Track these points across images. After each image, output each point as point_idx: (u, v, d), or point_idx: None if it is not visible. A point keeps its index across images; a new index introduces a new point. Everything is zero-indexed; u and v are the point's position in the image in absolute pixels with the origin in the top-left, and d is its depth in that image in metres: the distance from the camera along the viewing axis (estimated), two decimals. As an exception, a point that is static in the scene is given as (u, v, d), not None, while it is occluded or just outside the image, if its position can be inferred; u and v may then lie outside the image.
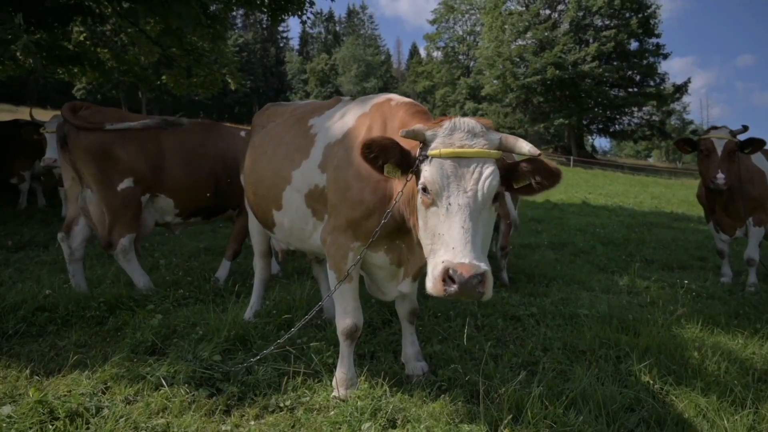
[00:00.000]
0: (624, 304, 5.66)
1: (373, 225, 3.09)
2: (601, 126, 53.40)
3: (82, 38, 13.57)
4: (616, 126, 52.73)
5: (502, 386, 3.45)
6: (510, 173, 2.69)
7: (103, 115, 5.20)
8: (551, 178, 2.63)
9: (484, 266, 2.34)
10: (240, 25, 78.35)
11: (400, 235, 3.23)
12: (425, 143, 2.65)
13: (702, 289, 6.59)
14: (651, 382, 3.74)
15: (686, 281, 6.49)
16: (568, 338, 4.46)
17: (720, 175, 6.34)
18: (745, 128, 6.53)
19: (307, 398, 3.37)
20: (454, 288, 2.31)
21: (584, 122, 52.15)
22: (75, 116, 5.01)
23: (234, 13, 68.58)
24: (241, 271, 6.40)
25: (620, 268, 7.90)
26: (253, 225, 4.79)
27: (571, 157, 44.34)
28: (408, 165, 2.73)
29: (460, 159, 2.51)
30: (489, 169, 2.50)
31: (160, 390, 3.31)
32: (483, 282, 2.33)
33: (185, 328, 4.22)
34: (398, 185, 2.96)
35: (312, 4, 13.57)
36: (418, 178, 2.67)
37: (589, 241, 10.22)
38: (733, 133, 6.49)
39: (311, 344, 3.98)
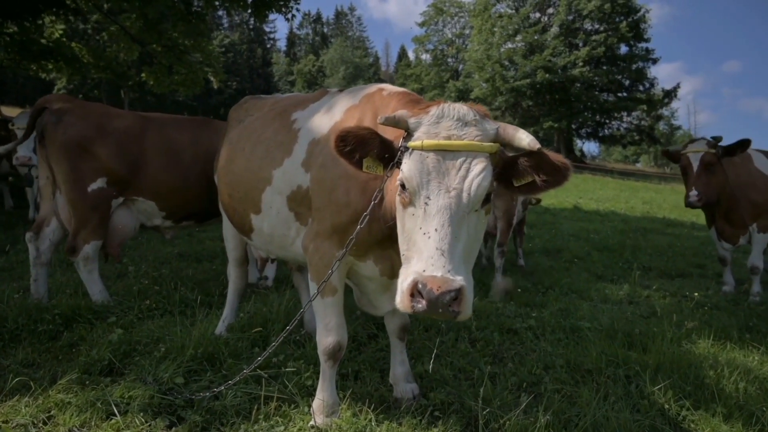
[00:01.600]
0: (628, 315, 5.32)
1: (361, 231, 2.68)
2: (590, 130, 53.44)
3: (58, 34, 13.03)
4: (606, 130, 52.77)
5: (503, 412, 3.09)
6: (509, 169, 2.27)
7: (86, 110, 4.88)
8: (556, 174, 2.20)
9: (460, 281, 1.97)
10: (226, 25, 77.62)
11: (391, 243, 2.80)
12: (409, 132, 2.26)
13: (705, 298, 6.29)
14: (667, 406, 3.37)
15: (696, 293, 6.16)
16: (571, 355, 4.09)
17: (692, 193, 6.25)
18: (716, 139, 6.37)
19: (281, 428, 2.97)
20: (422, 305, 1.97)
21: (573, 127, 52.17)
22: None
23: (219, 13, 67.97)
24: (214, 278, 5.94)
25: (618, 276, 7.60)
26: (228, 229, 4.39)
27: (561, 162, 44.06)
28: (392, 159, 2.34)
29: (445, 152, 2.12)
30: (479, 166, 2.11)
31: (111, 419, 2.88)
32: (458, 300, 1.96)
33: (148, 345, 3.78)
34: (390, 185, 2.55)
35: (297, 1, 13.14)
36: None
37: (584, 247, 9.93)
38: (711, 144, 6.31)
39: (288, 364, 3.55)
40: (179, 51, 13.80)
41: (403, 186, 2.20)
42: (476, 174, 2.10)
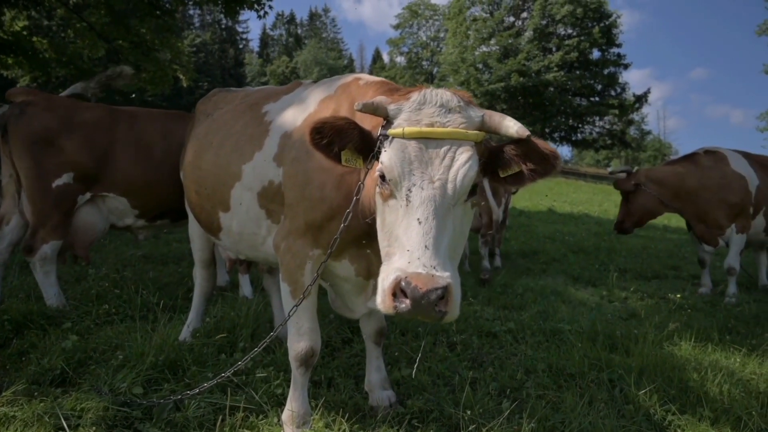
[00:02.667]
0: (608, 317, 5.22)
1: (337, 228, 2.48)
2: (563, 134, 54.02)
3: (18, 27, 12.49)
4: (578, 135, 53.41)
5: (484, 420, 2.94)
6: (495, 159, 2.13)
7: (51, 102, 4.65)
8: (544, 163, 2.07)
9: (447, 278, 1.80)
10: (197, 24, 76.24)
11: (369, 241, 2.62)
12: (388, 120, 2.09)
13: (683, 300, 6.24)
14: (653, 411, 3.26)
15: (678, 295, 6.12)
16: (552, 359, 3.95)
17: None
18: (624, 170, 7.39)
19: (248, 441, 2.74)
20: (406, 304, 1.79)
21: (547, 130, 52.71)
22: None
23: (190, 12, 66.82)
24: (180, 281, 5.66)
25: (595, 278, 7.57)
26: (194, 229, 4.16)
27: (534, 165, 44.51)
28: (371, 150, 2.17)
29: (428, 140, 1.97)
30: (465, 155, 1.96)
31: (59, 435, 2.63)
32: (445, 299, 1.79)
33: (105, 352, 3.53)
34: (369, 178, 2.37)
35: (270, -3, 12.90)
36: None
37: (560, 249, 9.94)
38: (627, 171, 7.23)
39: (256, 371, 3.34)
40: (146, 48, 13.37)
41: (382, 177, 2.04)
42: (462, 163, 1.95)
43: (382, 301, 1.88)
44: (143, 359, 3.31)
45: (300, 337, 2.84)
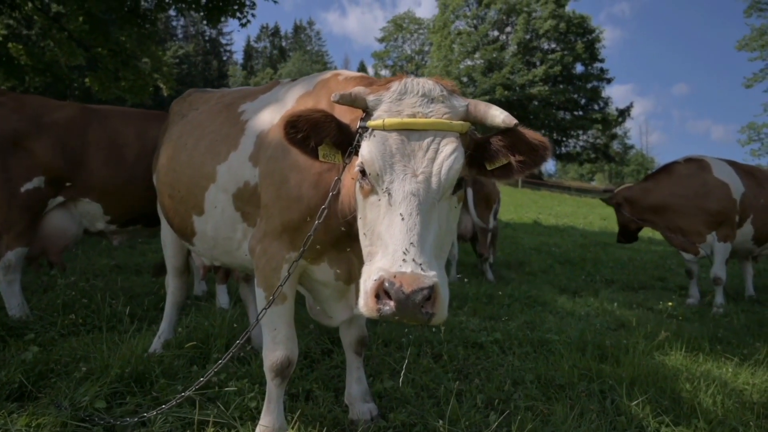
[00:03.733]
0: (596, 327, 5.09)
1: (318, 227, 2.33)
2: (547, 148, 54.73)
3: (-7, 31, 12.26)
4: (563, 148, 53.94)
5: (471, 434, 2.76)
6: (481, 152, 1.99)
7: (19, 102, 4.44)
8: (534, 154, 1.94)
9: (433, 277, 1.66)
10: (181, 36, 75.95)
11: (349, 242, 2.48)
12: (367, 111, 1.96)
13: (671, 310, 6.17)
14: (645, 423, 3.12)
15: (669, 303, 6.03)
16: (541, 369, 3.81)
17: None
18: (608, 190, 7.96)
19: (218, 459, 2.55)
20: (390, 306, 1.66)
21: (531, 144, 53.30)
22: None
23: (174, 23, 66.54)
24: (153, 292, 5.45)
25: (581, 289, 7.49)
26: (167, 235, 3.99)
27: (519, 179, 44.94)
28: (350, 143, 2.04)
29: (410, 132, 1.84)
30: (449, 146, 1.83)
31: (11, 454, 2.42)
32: (432, 300, 1.65)
33: (68, 364, 3.31)
34: (348, 176, 2.22)
35: (253, 5, 12.76)
36: None
37: (546, 260, 9.89)
38: (610, 191, 7.76)
39: (229, 384, 3.14)
40: (126, 56, 13.12)
41: (363, 172, 1.90)
42: (446, 155, 1.81)
43: (364, 303, 1.74)
44: (108, 371, 3.11)
45: (275, 346, 2.68)
